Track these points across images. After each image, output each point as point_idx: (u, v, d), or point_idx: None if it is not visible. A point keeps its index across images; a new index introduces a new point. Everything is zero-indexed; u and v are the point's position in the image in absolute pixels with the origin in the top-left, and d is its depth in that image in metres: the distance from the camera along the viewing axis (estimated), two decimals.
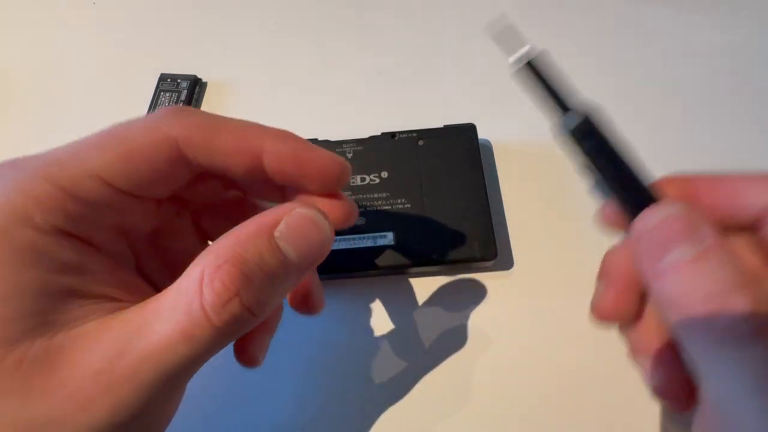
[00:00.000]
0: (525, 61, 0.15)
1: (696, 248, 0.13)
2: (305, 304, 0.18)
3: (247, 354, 0.18)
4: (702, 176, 0.16)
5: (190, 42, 0.33)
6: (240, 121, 0.16)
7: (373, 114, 0.29)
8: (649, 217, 0.14)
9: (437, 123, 0.26)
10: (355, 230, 0.23)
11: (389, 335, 0.23)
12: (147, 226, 0.16)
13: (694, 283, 0.13)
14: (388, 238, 0.23)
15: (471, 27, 0.32)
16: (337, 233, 0.23)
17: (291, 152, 0.15)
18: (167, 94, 0.30)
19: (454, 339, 0.23)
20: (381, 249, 0.23)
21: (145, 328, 0.12)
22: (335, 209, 0.17)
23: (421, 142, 0.25)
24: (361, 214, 0.24)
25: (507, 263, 0.25)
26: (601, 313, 0.17)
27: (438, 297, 0.24)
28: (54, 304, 0.12)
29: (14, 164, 0.14)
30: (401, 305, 0.24)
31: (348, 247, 0.23)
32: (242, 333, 0.13)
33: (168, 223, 0.17)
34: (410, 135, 0.25)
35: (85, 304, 0.13)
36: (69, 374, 0.12)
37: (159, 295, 0.13)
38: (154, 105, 0.29)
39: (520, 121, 0.28)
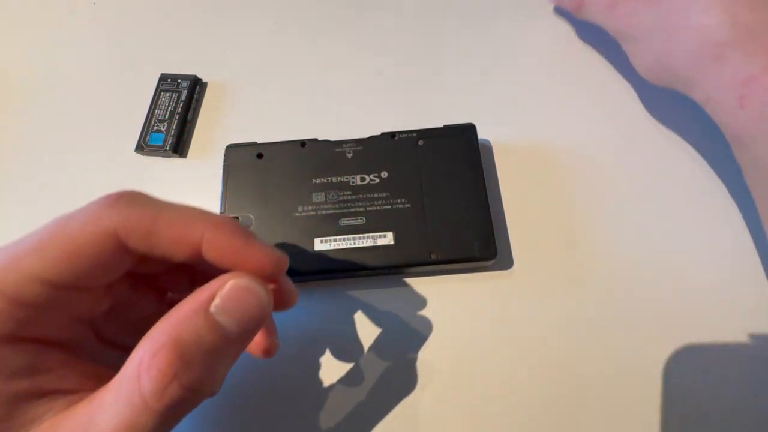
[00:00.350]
0: None
1: None
2: (279, 305, 0.18)
3: (262, 350, 0.19)
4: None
5: (190, 42, 0.33)
6: (180, 208, 0.15)
7: (373, 114, 0.29)
8: None
9: (437, 123, 0.26)
10: (354, 230, 0.23)
11: (388, 335, 0.23)
12: (100, 308, 0.16)
13: None
14: (388, 237, 0.23)
15: (472, 27, 0.32)
16: (335, 233, 0.23)
17: (227, 246, 0.15)
18: (167, 94, 0.30)
19: (455, 338, 0.23)
20: (381, 249, 0.23)
21: (91, 426, 0.13)
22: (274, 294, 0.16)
23: (421, 142, 0.25)
24: (361, 214, 0.24)
25: (507, 263, 0.25)
26: None
27: (438, 297, 0.24)
28: (8, 411, 0.13)
29: None
30: (401, 305, 0.24)
31: (348, 246, 0.23)
32: (192, 409, 0.14)
33: (122, 297, 0.17)
34: (410, 135, 0.25)
35: (40, 404, 0.14)
36: None
37: (103, 388, 0.13)
38: (154, 105, 0.29)
39: (519, 122, 0.28)
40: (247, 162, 0.25)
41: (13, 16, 0.35)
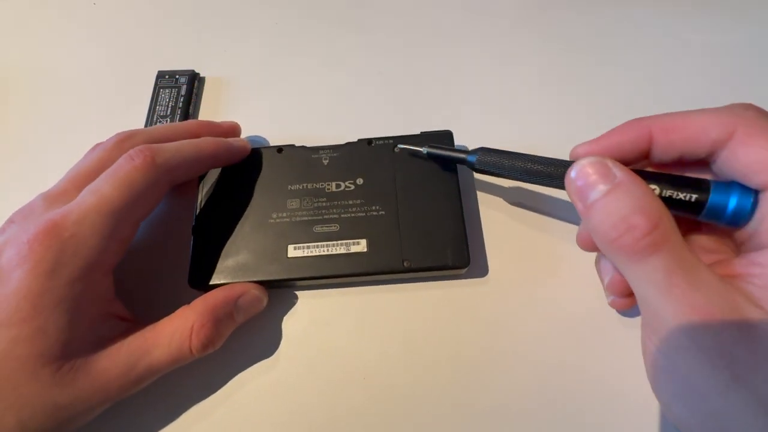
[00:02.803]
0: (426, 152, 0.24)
1: (607, 185, 0.16)
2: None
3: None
4: (656, 116, 0.19)
5: (187, 37, 0.33)
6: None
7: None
8: (571, 170, 0.18)
9: (416, 130, 0.26)
10: (328, 237, 0.23)
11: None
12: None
13: (607, 212, 0.16)
14: (362, 245, 0.23)
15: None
16: (308, 240, 0.23)
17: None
18: (167, 90, 0.30)
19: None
20: (354, 256, 0.23)
21: (149, 353, 0.20)
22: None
23: (397, 149, 0.25)
24: (335, 220, 0.24)
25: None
26: (580, 243, 0.22)
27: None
28: (95, 326, 0.19)
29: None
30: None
31: (321, 253, 0.23)
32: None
33: None
34: (387, 142, 0.25)
35: (110, 325, 0.20)
36: (98, 376, 0.19)
37: (155, 327, 0.20)
38: (155, 102, 0.29)
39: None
40: (223, 167, 0.25)
41: (13, 16, 0.35)
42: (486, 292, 0.24)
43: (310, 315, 0.24)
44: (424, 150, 0.24)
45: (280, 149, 0.26)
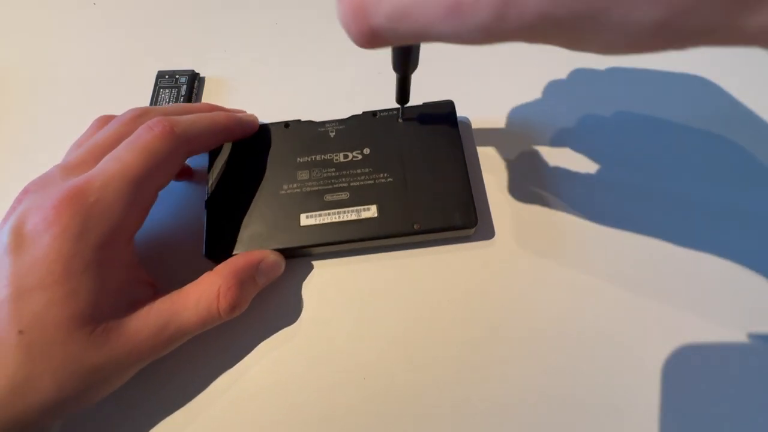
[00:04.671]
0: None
1: None
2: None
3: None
4: None
5: (187, 37, 0.33)
6: None
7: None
8: None
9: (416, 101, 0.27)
10: (339, 205, 0.24)
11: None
12: None
13: None
14: (372, 210, 0.24)
15: None
16: (320, 209, 0.24)
17: None
18: (167, 91, 0.30)
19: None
20: (365, 222, 0.24)
21: (178, 314, 0.20)
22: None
23: (401, 120, 0.26)
24: (345, 189, 0.24)
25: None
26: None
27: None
28: (126, 291, 0.20)
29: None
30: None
31: (333, 220, 0.24)
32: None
33: None
34: (391, 113, 0.26)
35: (138, 289, 0.21)
36: (130, 338, 0.19)
37: (182, 291, 0.21)
38: (154, 102, 0.30)
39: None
40: (232, 142, 0.26)
41: (13, 16, 0.35)
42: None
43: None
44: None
45: (287, 124, 0.26)
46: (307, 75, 0.31)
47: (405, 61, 0.21)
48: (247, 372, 0.23)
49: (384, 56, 0.31)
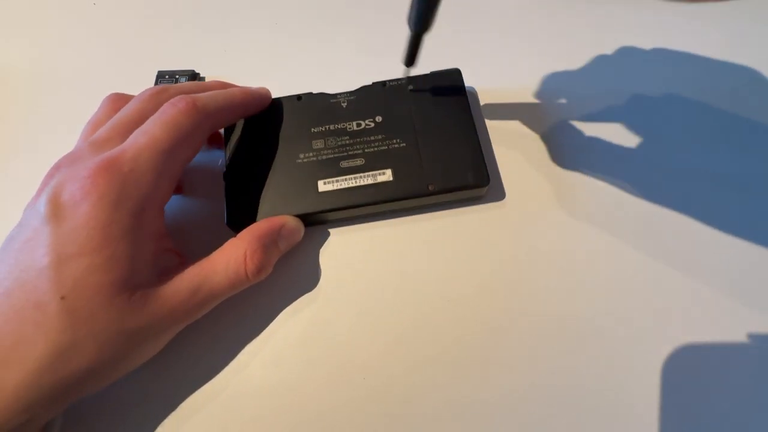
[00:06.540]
0: None
1: None
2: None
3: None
4: None
5: (187, 37, 0.34)
6: None
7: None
8: None
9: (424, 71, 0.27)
10: (355, 170, 0.25)
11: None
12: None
13: None
14: (387, 174, 0.25)
15: None
16: (337, 175, 0.25)
17: None
18: None
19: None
20: (381, 185, 0.24)
21: (208, 279, 0.21)
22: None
23: (410, 87, 0.27)
24: (360, 155, 0.25)
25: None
26: None
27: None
28: (156, 260, 0.21)
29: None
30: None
31: (350, 186, 0.24)
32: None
33: None
34: (400, 82, 0.27)
35: (167, 258, 0.22)
36: (165, 302, 0.20)
37: (210, 258, 0.22)
38: None
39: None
40: (246, 117, 0.26)
41: (13, 16, 0.36)
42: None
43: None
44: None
45: (299, 97, 0.27)
46: (308, 75, 0.32)
47: (427, 15, 0.21)
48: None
49: (388, 63, 0.30)
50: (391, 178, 0.25)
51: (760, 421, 0.21)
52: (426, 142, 0.25)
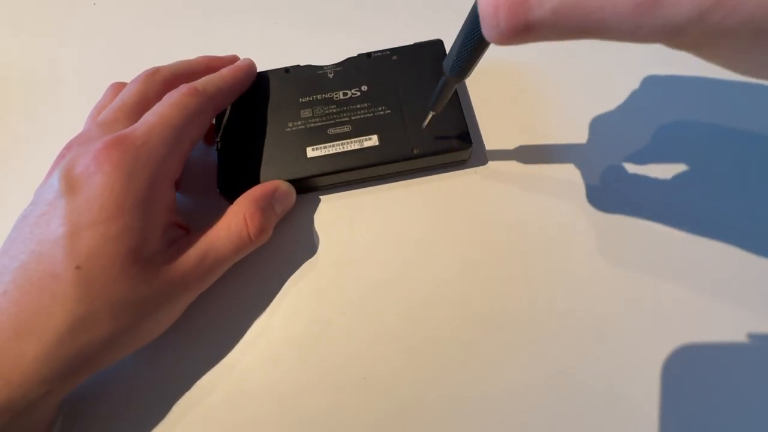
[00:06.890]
0: None
1: None
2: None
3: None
4: None
5: (187, 37, 0.34)
6: None
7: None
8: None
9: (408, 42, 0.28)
10: (342, 137, 0.26)
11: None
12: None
13: None
14: (373, 140, 0.26)
15: None
16: (325, 141, 0.26)
17: None
18: None
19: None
20: (368, 150, 0.25)
21: (214, 245, 0.22)
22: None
23: (395, 58, 0.28)
24: (347, 122, 0.26)
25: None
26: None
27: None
28: (165, 232, 0.21)
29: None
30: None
31: (338, 151, 0.25)
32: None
33: None
34: (384, 53, 0.28)
35: (174, 230, 0.22)
36: (176, 270, 0.20)
37: (213, 227, 0.22)
38: None
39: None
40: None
41: (13, 16, 0.36)
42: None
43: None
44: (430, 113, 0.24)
45: (287, 69, 0.28)
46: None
47: (469, 63, 0.20)
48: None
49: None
50: (377, 143, 0.25)
51: (760, 421, 0.21)
52: (410, 109, 0.26)
